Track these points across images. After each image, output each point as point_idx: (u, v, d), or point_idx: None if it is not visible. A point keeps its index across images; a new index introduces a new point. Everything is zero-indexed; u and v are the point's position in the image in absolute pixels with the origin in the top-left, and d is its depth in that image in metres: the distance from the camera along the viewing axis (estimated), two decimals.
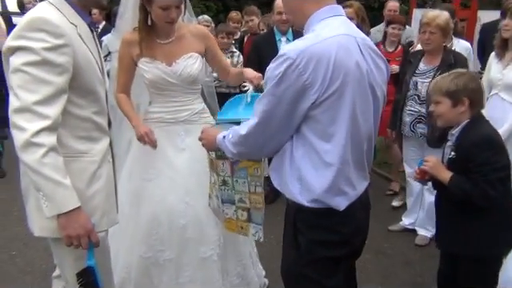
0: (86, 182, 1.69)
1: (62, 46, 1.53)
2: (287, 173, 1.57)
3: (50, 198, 1.51)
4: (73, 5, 1.64)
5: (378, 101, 1.62)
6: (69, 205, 1.53)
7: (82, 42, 1.63)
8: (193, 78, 2.40)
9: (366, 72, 1.52)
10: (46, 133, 1.49)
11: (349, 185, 1.57)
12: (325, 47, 1.43)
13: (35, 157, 1.47)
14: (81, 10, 1.67)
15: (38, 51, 1.49)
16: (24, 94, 1.48)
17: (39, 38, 1.50)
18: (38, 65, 1.49)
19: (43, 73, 1.49)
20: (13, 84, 1.50)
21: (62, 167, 1.53)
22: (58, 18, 1.56)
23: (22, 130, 1.47)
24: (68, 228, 1.56)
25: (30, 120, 1.48)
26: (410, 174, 3.62)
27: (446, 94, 2.07)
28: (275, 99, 1.47)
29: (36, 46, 1.49)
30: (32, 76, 1.48)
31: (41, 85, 1.49)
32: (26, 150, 1.47)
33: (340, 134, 1.50)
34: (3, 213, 3.99)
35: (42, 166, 1.48)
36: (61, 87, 1.54)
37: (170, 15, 2.24)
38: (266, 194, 3.68)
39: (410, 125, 3.41)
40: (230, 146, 1.65)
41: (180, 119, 2.44)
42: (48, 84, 1.50)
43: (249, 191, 1.90)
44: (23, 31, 1.51)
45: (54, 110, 1.52)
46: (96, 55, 1.73)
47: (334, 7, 1.56)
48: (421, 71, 3.35)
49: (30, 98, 1.48)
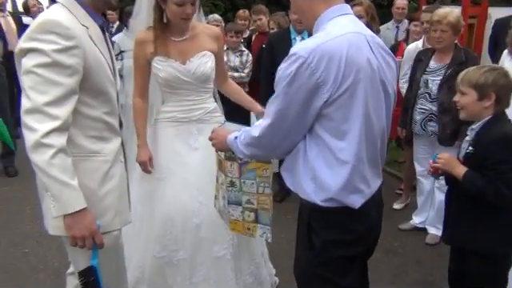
0: (99, 182, 1.70)
1: (73, 48, 1.55)
2: (301, 172, 1.57)
3: (57, 199, 1.54)
4: (84, 6, 1.66)
5: (390, 97, 1.62)
6: (75, 206, 1.55)
7: (93, 43, 1.65)
8: (206, 76, 2.41)
9: (377, 69, 1.52)
10: (56, 134, 1.51)
11: (364, 182, 1.57)
12: (336, 45, 1.44)
13: (44, 157, 1.49)
14: (92, 12, 1.69)
15: (49, 53, 1.51)
16: (35, 95, 1.50)
17: (50, 39, 1.51)
18: (48, 66, 1.51)
19: (53, 74, 1.51)
20: (24, 85, 1.52)
21: (70, 168, 1.54)
22: (69, 20, 1.58)
23: (33, 130, 1.49)
24: (73, 229, 1.58)
25: (41, 121, 1.50)
26: (421, 172, 3.61)
27: (474, 86, 2.06)
28: (288, 99, 1.47)
29: (47, 48, 1.51)
30: (43, 77, 1.51)
31: (51, 86, 1.51)
32: (36, 150, 1.49)
33: (354, 132, 1.50)
34: (16, 211, 4.04)
35: (50, 167, 1.50)
36: (71, 88, 1.56)
37: (185, 11, 2.25)
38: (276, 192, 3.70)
39: (421, 123, 3.40)
40: (242, 147, 1.65)
41: (193, 118, 2.45)
42: (58, 85, 1.52)
43: (257, 192, 1.90)
44: (35, 33, 1.53)
45: (64, 110, 1.54)
46: (107, 56, 1.74)
47: (343, 6, 1.56)
48: (431, 69, 3.33)
49: (41, 98, 1.50)
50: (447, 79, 3.20)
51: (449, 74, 3.21)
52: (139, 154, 2.39)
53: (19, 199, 4.24)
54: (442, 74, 3.25)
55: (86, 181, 1.64)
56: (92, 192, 1.66)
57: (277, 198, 3.74)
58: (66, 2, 1.64)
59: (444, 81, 3.22)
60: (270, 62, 3.89)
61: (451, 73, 3.18)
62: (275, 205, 2.04)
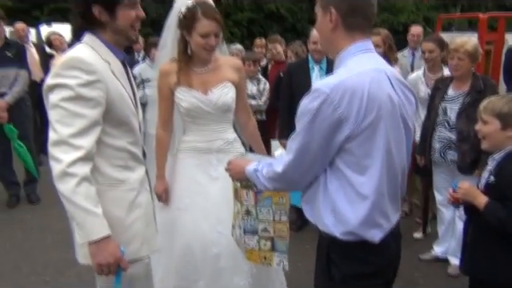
0: (125, 210, 1.76)
1: (95, 82, 1.64)
2: (320, 205, 1.58)
3: (81, 226, 1.59)
4: (106, 43, 1.75)
5: (410, 132, 1.64)
6: (98, 233, 1.59)
7: (115, 77, 1.74)
8: (227, 106, 2.47)
9: (397, 104, 1.54)
10: (80, 163, 1.58)
11: (384, 217, 1.58)
12: (358, 81, 1.46)
13: (69, 186, 1.56)
14: (114, 48, 1.77)
15: (73, 87, 1.60)
16: (61, 127, 1.59)
17: (73, 75, 1.61)
18: (72, 100, 1.60)
19: (78, 107, 1.60)
20: (51, 119, 1.62)
21: (94, 196, 1.60)
22: (91, 56, 1.68)
23: (59, 161, 1.57)
24: (98, 256, 1.61)
25: (66, 151, 1.57)
26: (441, 201, 3.56)
27: (498, 115, 2.05)
28: (310, 134, 1.49)
29: (71, 83, 1.60)
30: (68, 110, 1.60)
31: (76, 118, 1.60)
32: (61, 179, 1.57)
33: (375, 167, 1.51)
34: (38, 239, 4.09)
35: (74, 195, 1.56)
36: (94, 120, 1.64)
37: (209, 42, 2.33)
38: (293, 221, 3.68)
39: (440, 151, 3.37)
40: (264, 181, 1.67)
41: (213, 148, 2.49)
42: (82, 117, 1.61)
43: (273, 220, 1.90)
44: (60, 70, 1.63)
45: (88, 141, 1.61)
46: (129, 89, 1.82)
47: (365, 43, 1.59)
48: (450, 97, 3.33)
49: (66, 131, 1.58)
50: (466, 107, 3.19)
51: (467, 102, 3.20)
52: (156, 186, 2.45)
53: (41, 227, 4.30)
54: (460, 102, 3.25)
55: (112, 209, 1.70)
56: (119, 220, 1.72)
57: (293, 226, 3.73)
58: (89, 40, 1.74)
59: (463, 109, 3.22)
60: (289, 92, 3.95)
61: (470, 101, 3.18)
62: (292, 234, 2.04)
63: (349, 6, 1.53)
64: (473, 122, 3.06)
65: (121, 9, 1.70)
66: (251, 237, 1.97)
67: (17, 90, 4.66)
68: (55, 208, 1.74)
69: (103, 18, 1.70)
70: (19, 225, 4.42)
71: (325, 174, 1.57)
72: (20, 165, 4.82)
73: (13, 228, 4.34)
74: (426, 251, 3.74)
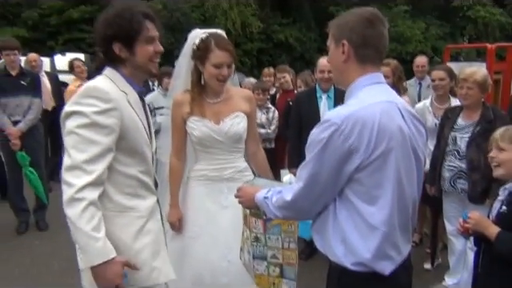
0: (133, 236, 1.77)
1: (110, 110, 1.69)
2: (330, 235, 1.58)
3: (83, 250, 1.61)
4: (125, 76, 1.82)
5: (421, 163, 1.65)
6: (99, 258, 1.60)
7: (131, 108, 1.78)
8: (238, 136, 2.50)
9: (408, 136, 1.56)
10: (89, 188, 1.61)
11: (395, 249, 1.57)
12: (368, 113, 1.48)
13: (76, 211, 1.59)
14: (132, 81, 1.84)
15: (89, 114, 1.65)
16: (75, 153, 1.63)
17: (90, 103, 1.67)
18: (88, 127, 1.65)
19: (92, 134, 1.65)
20: (66, 145, 1.66)
21: (98, 222, 1.62)
22: (109, 87, 1.74)
23: (70, 185, 1.61)
24: (99, 280, 1.64)
25: (78, 176, 1.61)
26: (452, 231, 3.51)
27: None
28: (320, 164, 1.50)
29: (87, 110, 1.66)
30: (82, 137, 1.64)
31: (90, 145, 1.64)
32: (70, 204, 1.60)
33: (385, 198, 1.51)
34: (45, 265, 4.08)
35: (79, 219, 1.59)
36: (107, 146, 1.68)
37: (222, 73, 2.38)
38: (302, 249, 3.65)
39: (450, 180, 3.35)
40: (273, 209, 1.68)
41: (224, 177, 2.51)
42: (96, 144, 1.65)
43: (282, 247, 1.91)
44: (78, 98, 1.69)
45: (99, 166, 1.65)
46: (144, 121, 1.86)
47: (377, 75, 1.62)
48: (459, 126, 3.33)
49: (80, 156, 1.63)
50: (476, 137, 3.19)
51: (477, 131, 3.20)
52: (170, 214, 2.46)
53: (48, 254, 4.31)
54: (470, 131, 3.25)
55: (120, 235, 1.72)
56: (126, 246, 1.73)
57: (302, 255, 3.69)
58: (108, 73, 1.81)
59: (473, 138, 3.22)
60: (298, 121, 3.99)
61: (480, 130, 3.18)
62: (301, 262, 2.03)
63: (361, 39, 1.56)
64: (483, 152, 3.07)
65: (139, 45, 1.76)
66: (260, 262, 1.98)
67: (30, 117, 4.75)
68: (63, 235, 1.74)
69: (123, 55, 1.77)
70: (28, 251, 4.43)
71: (334, 203, 1.57)
72: (30, 191, 4.86)
73: (21, 254, 4.35)
74: (437, 282, 3.68)
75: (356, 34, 1.56)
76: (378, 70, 1.63)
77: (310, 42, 20.46)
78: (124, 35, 1.74)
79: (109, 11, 1.79)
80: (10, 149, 4.60)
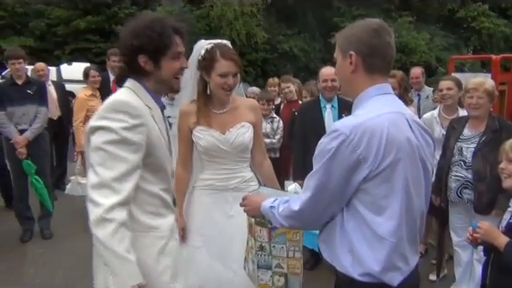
0: (155, 258, 1.73)
1: (139, 126, 1.64)
2: (337, 245, 1.58)
3: (116, 273, 1.55)
4: (148, 90, 1.77)
5: (428, 174, 1.64)
6: (132, 281, 1.55)
7: (155, 122, 1.74)
8: (244, 146, 2.51)
9: (416, 147, 1.56)
10: (119, 208, 1.55)
11: (403, 260, 1.56)
12: (377, 123, 1.48)
13: (106, 232, 1.52)
14: (155, 95, 1.79)
15: (118, 130, 1.59)
16: (102, 170, 1.57)
17: (119, 118, 1.61)
18: (116, 143, 1.59)
19: (120, 150, 1.59)
20: (92, 161, 1.59)
21: (129, 243, 1.56)
22: (136, 101, 1.69)
23: (97, 204, 1.54)
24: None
25: (106, 195, 1.55)
26: (458, 242, 3.48)
27: None
28: (328, 173, 1.50)
29: (115, 126, 1.59)
30: (110, 154, 1.58)
31: (118, 162, 1.58)
32: (99, 225, 1.53)
33: (393, 208, 1.51)
34: (49, 274, 4.06)
35: (111, 241, 1.53)
36: (135, 164, 1.62)
37: (227, 82, 2.40)
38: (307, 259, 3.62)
39: (457, 190, 3.34)
40: (280, 218, 1.67)
41: (230, 186, 2.51)
42: (124, 161, 1.59)
43: (287, 256, 1.90)
44: (105, 113, 1.63)
45: (128, 185, 1.59)
46: (165, 136, 1.83)
47: (385, 85, 1.62)
48: (465, 137, 3.32)
49: (108, 174, 1.56)
50: (481, 147, 3.18)
51: (483, 141, 3.19)
52: None
53: (53, 262, 4.29)
54: (476, 141, 3.24)
55: (143, 256, 1.66)
56: (150, 268, 1.68)
57: (307, 265, 3.66)
58: (131, 85, 1.75)
59: (478, 148, 3.21)
60: (302, 131, 3.98)
61: (485, 140, 3.17)
62: (306, 272, 2.02)
63: (369, 49, 1.57)
64: (489, 162, 3.06)
65: (166, 60, 1.72)
66: (265, 272, 1.97)
67: (36, 126, 4.77)
68: (67, 243, 1.73)
69: (148, 68, 1.72)
70: (31, 260, 4.42)
71: (342, 213, 1.57)
72: (35, 200, 4.87)
73: (25, 263, 4.34)
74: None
75: (363, 45, 1.57)
76: (386, 81, 1.64)
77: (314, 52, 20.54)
78: (152, 48, 1.68)
79: (138, 21, 1.72)
80: (17, 157, 4.63)
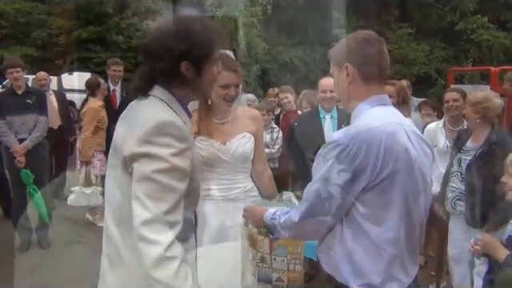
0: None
1: (186, 150, 1.46)
2: (337, 255, 1.57)
3: None
4: (179, 100, 1.56)
5: (427, 185, 1.64)
6: None
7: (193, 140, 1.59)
8: (245, 156, 2.51)
9: (414, 158, 1.56)
10: (177, 243, 1.40)
11: (402, 271, 1.56)
12: (375, 134, 1.49)
13: (170, 272, 1.37)
14: (186, 107, 1.60)
15: (167, 158, 1.40)
16: (153, 203, 1.39)
17: (167, 143, 1.41)
18: (166, 172, 1.40)
19: (170, 180, 1.41)
20: (140, 192, 1.40)
21: (192, 278, 1.43)
22: (177, 119, 1.48)
23: (154, 243, 1.37)
24: None
25: (161, 231, 1.38)
26: (452, 255, 3.41)
27: None
28: (327, 184, 1.50)
29: (164, 153, 1.40)
30: (161, 184, 1.40)
31: (169, 192, 1.41)
32: (160, 265, 1.37)
33: (392, 219, 1.51)
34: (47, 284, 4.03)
35: (175, 280, 1.38)
36: (183, 192, 1.45)
37: (229, 93, 2.40)
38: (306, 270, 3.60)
39: (452, 202, 3.34)
40: (281, 229, 1.68)
41: (230, 197, 2.50)
42: (175, 191, 1.42)
43: (287, 269, 1.89)
44: (150, 137, 1.42)
45: (180, 215, 1.44)
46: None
47: (382, 97, 1.63)
48: (467, 148, 3.32)
49: (161, 207, 1.39)
50: (477, 159, 3.18)
51: (479, 154, 3.19)
52: None
53: (50, 273, 4.26)
54: (473, 154, 3.23)
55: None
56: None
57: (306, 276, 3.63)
58: (163, 96, 1.53)
59: (473, 161, 3.20)
60: (302, 141, 3.97)
61: (481, 153, 3.17)
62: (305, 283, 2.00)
63: (363, 58, 1.59)
64: (482, 175, 3.06)
65: (207, 66, 1.54)
66: (265, 285, 1.96)
67: (36, 135, 4.78)
68: (65, 253, 1.70)
69: (189, 75, 1.52)
70: (29, 270, 4.39)
71: (341, 224, 1.57)
72: (33, 209, 4.86)
73: (23, 273, 4.31)
74: None
75: (357, 55, 1.59)
76: (383, 90, 1.65)
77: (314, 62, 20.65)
78: (198, 54, 1.49)
79: (178, 24, 1.52)
80: (16, 166, 4.63)
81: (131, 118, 1.53)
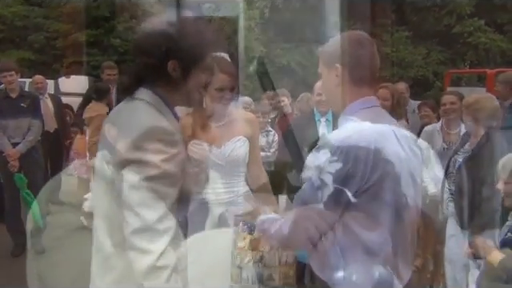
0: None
1: (177, 155, 1.42)
2: (329, 260, 1.56)
3: None
4: (167, 102, 1.51)
5: (418, 187, 1.63)
6: None
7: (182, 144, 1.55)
8: (239, 160, 2.50)
9: (404, 160, 1.54)
10: (169, 250, 1.37)
11: (395, 275, 1.55)
12: (364, 137, 1.47)
13: (160, 281, 1.35)
14: (173, 110, 1.54)
15: (158, 164, 1.37)
16: (144, 211, 1.36)
17: (157, 149, 1.38)
18: (157, 179, 1.37)
19: (162, 186, 1.38)
20: (131, 201, 1.37)
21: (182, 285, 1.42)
22: (168, 124, 1.45)
23: (145, 252, 1.35)
24: None
25: (153, 240, 1.35)
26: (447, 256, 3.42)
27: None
28: (316, 190, 1.49)
29: (155, 159, 1.37)
30: (152, 191, 1.37)
31: (160, 199, 1.38)
32: (150, 275, 1.35)
33: (384, 223, 1.50)
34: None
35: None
36: (174, 197, 1.43)
37: (225, 96, 2.38)
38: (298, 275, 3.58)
39: (446, 202, 3.37)
40: (271, 240, 1.70)
41: (224, 201, 2.49)
42: (166, 197, 1.39)
43: (279, 263, 1.87)
44: (140, 142, 1.38)
45: (172, 221, 1.40)
46: None
47: (371, 99, 1.62)
48: (464, 150, 3.34)
49: (151, 215, 1.36)
50: (466, 161, 3.21)
51: (468, 156, 3.22)
52: None
53: (44, 277, 4.23)
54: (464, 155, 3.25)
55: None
56: None
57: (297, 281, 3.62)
58: (150, 98, 1.49)
59: (463, 162, 3.23)
60: (297, 144, 3.95)
61: (470, 155, 3.20)
62: None
63: (354, 59, 1.58)
64: (470, 178, 3.07)
65: (196, 69, 1.51)
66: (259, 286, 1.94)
67: (29, 139, 4.78)
68: (59, 257, 1.67)
69: (176, 75, 1.48)
70: (23, 274, 4.36)
71: (333, 229, 1.55)
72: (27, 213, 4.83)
73: (17, 277, 4.28)
74: None
75: (348, 56, 1.57)
76: (373, 94, 1.63)
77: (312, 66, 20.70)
78: (186, 55, 1.47)
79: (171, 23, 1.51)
80: (9, 170, 4.62)
81: (119, 122, 1.50)
